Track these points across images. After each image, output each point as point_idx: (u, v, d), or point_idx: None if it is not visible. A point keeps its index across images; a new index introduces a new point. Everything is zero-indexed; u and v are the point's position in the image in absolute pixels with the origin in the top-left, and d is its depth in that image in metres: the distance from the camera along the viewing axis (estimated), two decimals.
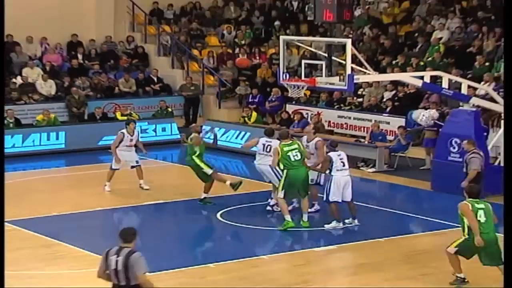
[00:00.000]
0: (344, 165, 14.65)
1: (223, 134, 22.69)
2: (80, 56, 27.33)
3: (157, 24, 28.87)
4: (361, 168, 20.19)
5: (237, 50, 28.35)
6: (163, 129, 24.26)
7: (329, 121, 23.52)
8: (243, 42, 28.78)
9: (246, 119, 24.22)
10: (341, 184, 14.55)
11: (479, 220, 11.03)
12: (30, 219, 15.24)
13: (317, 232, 14.63)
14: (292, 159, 14.55)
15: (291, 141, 14.81)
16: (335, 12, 17.75)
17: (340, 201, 14.62)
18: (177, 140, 23.75)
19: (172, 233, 15.08)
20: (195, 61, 27.98)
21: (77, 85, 25.65)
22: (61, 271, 12.52)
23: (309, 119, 23.37)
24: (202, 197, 16.26)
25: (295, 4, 30.35)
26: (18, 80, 25.54)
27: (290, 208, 15.07)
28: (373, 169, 20.21)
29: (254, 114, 24.45)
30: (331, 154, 14.74)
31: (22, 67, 26.08)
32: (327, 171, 14.68)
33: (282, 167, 14.67)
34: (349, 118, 23.27)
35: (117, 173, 17.83)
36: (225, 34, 29.27)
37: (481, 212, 11.04)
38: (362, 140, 21.22)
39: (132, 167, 17.81)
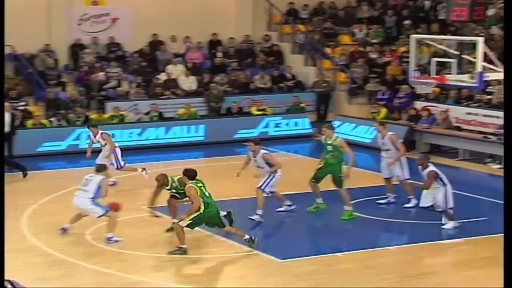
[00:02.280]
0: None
1: (353, 129, 22.90)
2: (219, 54, 27.77)
3: (293, 24, 29.00)
4: (488, 164, 19.75)
5: (368, 48, 28.17)
6: (296, 124, 24.48)
7: (457, 118, 23.06)
8: (374, 40, 28.58)
9: (375, 115, 24.03)
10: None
11: (207, 195, 12.40)
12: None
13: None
14: None
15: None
16: (468, 11, 17.36)
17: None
18: (309, 134, 23.91)
19: (302, 223, 15.20)
20: (328, 59, 27.96)
21: (216, 81, 26.11)
22: (205, 256, 12.80)
23: (437, 116, 23.00)
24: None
25: (427, 3, 29.87)
26: (162, 76, 26.21)
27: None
28: (499, 166, 19.71)
29: (383, 110, 24.24)
30: (433, 168, 14.13)
31: (166, 64, 26.74)
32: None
33: None
34: (477, 115, 22.73)
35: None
36: (357, 33, 29.13)
37: (203, 189, 12.40)
38: (490, 136, 20.74)
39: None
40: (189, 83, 26.09)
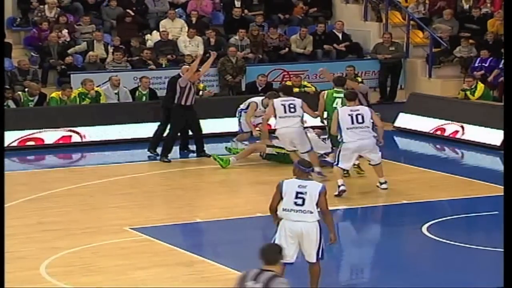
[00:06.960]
0: None
1: None
2: (238, 3, 27.65)
3: None
4: None
5: None
6: None
7: None
8: None
9: (468, 93, 23.74)
10: None
11: None
12: None
13: None
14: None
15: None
16: None
17: None
18: None
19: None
20: (398, 10, 27.89)
21: (233, 44, 25.89)
22: None
23: None
24: None
25: None
26: (154, 37, 26.10)
27: None
28: None
29: (481, 86, 23.96)
30: None
31: (160, 19, 26.68)
32: None
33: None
34: None
35: None
36: None
37: None
38: None
39: None
40: (193, 46, 25.88)
